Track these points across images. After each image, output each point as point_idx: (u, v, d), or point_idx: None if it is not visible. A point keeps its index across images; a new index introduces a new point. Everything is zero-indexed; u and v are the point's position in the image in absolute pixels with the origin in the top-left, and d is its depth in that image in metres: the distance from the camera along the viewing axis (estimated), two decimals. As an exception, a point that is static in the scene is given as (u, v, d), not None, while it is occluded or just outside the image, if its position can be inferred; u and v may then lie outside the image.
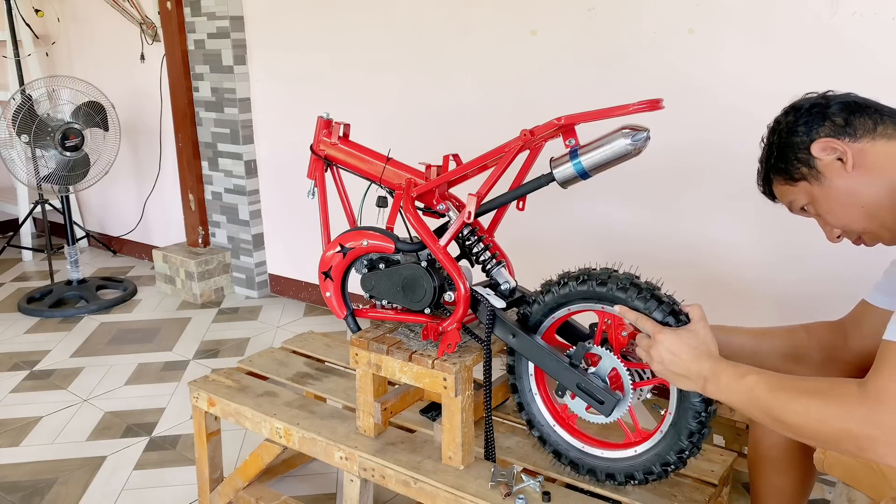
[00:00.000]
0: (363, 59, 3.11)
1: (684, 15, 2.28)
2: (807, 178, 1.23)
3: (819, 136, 1.20)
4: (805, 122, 1.22)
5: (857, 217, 1.22)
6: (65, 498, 2.15)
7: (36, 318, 3.59)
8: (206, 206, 3.86)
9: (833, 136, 1.19)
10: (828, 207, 1.23)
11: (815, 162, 1.21)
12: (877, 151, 1.18)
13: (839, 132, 1.19)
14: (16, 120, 3.42)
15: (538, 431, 1.49)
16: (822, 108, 1.22)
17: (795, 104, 1.27)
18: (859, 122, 1.19)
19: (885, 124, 1.19)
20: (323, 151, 1.68)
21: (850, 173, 1.18)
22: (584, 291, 1.35)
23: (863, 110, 1.20)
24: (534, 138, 1.37)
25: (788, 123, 1.25)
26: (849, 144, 1.18)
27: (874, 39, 1.99)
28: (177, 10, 3.57)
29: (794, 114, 1.25)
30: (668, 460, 1.33)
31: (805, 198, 1.26)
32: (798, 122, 1.23)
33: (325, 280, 1.64)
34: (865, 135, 1.18)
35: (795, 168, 1.24)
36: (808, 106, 1.24)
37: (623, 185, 2.48)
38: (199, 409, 1.93)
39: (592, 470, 1.43)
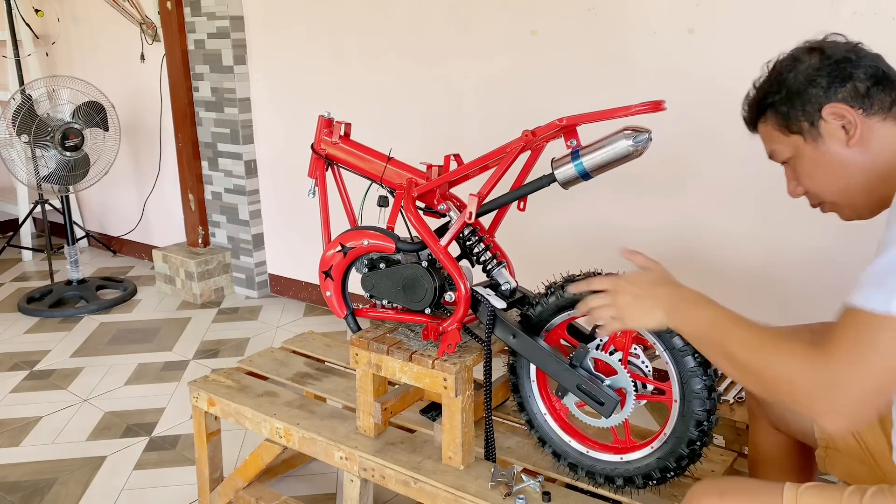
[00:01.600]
0: (363, 59, 3.11)
1: (684, 15, 2.29)
2: (803, 134, 1.16)
3: (836, 98, 1.12)
4: (829, 76, 1.12)
5: (834, 189, 1.17)
6: (65, 498, 2.15)
7: (36, 318, 3.59)
8: (206, 206, 3.86)
9: (850, 104, 1.11)
10: (810, 170, 1.18)
11: (820, 122, 1.13)
12: (882, 133, 1.12)
13: (857, 100, 1.11)
14: (16, 120, 3.42)
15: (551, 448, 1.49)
16: (850, 67, 1.12)
17: (824, 48, 1.16)
18: (879, 96, 1.11)
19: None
20: (324, 151, 1.68)
21: (849, 147, 1.12)
22: None
23: (886, 84, 1.12)
24: (535, 139, 1.37)
25: (811, 68, 1.14)
26: (861, 118, 1.11)
27: (874, 39, 1.99)
28: (177, 10, 3.57)
29: (820, 60, 1.14)
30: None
31: (790, 151, 1.19)
32: (821, 73, 1.13)
33: (326, 279, 1.64)
34: (879, 112, 1.11)
35: (797, 119, 1.15)
36: (837, 58, 1.13)
37: (624, 185, 2.48)
38: (199, 409, 1.93)
39: (610, 477, 1.41)
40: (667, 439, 1.32)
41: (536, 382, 1.49)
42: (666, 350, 1.28)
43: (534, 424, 1.50)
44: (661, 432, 1.34)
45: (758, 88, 1.23)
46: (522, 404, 1.51)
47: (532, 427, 1.50)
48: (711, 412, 1.28)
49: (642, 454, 1.36)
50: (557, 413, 1.49)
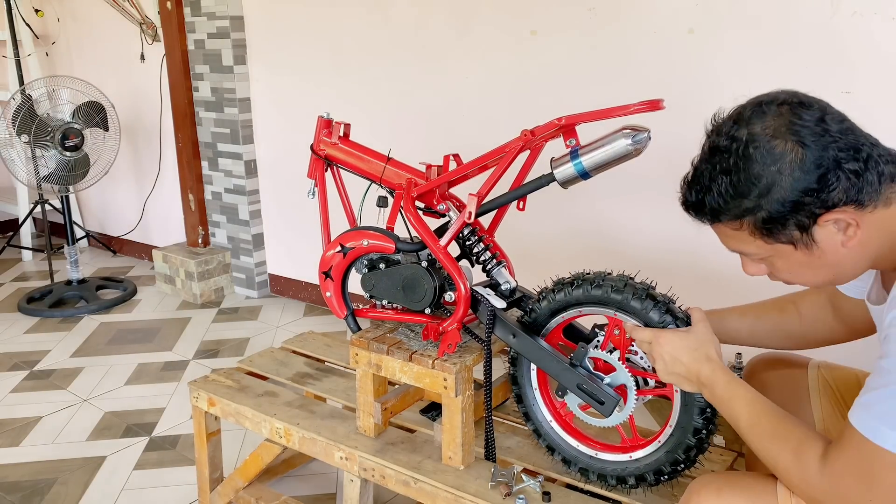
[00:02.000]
0: (363, 59, 3.11)
1: (684, 15, 2.29)
2: (793, 243, 1.01)
3: (832, 204, 0.96)
4: (819, 181, 0.96)
5: (820, 282, 1.07)
6: (65, 498, 2.15)
7: (36, 318, 3.59)
8: (206, 206, 3.86)
9: (846, 204, 0.96)
10: (794, 270, 1.06)
11: (814, 228, 0.99)
12: (874, 220, 0.99)
13: (851, 195, 0.96)
14: (16, 120, 3.42)
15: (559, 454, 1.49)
16: (835, 158, 0.96)
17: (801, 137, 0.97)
18: (869, 182, 0.97)
19: (887, 184, 0.98)
20: (323, 151, 1.68)
21: (845, 247, 1.00)
22: (580, 296, 1.36)
23: (870, 163, 0.97)
24: (534, 138, 1.37)
25: (796, 171, 0.96)
26: (858, 216, 0.97)
27: (874, 39, 2.00)
28: (177, 10, 3.57)
29: (804, 156, 0.96)
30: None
31: (769, 253, 1.05)
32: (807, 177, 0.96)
33: (326, 280, 1.64)
34: (872, 200, 0.97)
35: (785, 231, 1.00)
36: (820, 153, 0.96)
37: (624, 185, 2.48)
38: (199, 409, 1.93)
39: (622, 478, 1.41)
40: (673, 431, 1.32)
41: (539, 390, 1.50)
42: None
43: (541, 433, 1.50)
44: (666, 425, 1.34)
45: (719, 187, 1.01)
46: (528, 413, 1.51)
47: (539, 436, 1.50)
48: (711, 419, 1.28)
49: (651, 449, 1.36)
50: (563, 419, 1.49)
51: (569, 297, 1.38)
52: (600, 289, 1.33)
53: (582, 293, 1.35)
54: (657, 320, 1.27)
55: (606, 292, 1.32)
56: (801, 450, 1.03)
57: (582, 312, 1.39)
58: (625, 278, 1.34)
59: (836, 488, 0.99)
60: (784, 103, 1.01)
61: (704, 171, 1.04)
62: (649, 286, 1.32)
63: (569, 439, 1.47)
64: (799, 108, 1.00)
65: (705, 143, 1.07)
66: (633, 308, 1.29)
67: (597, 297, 1.33)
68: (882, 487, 0.96)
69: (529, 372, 1.50)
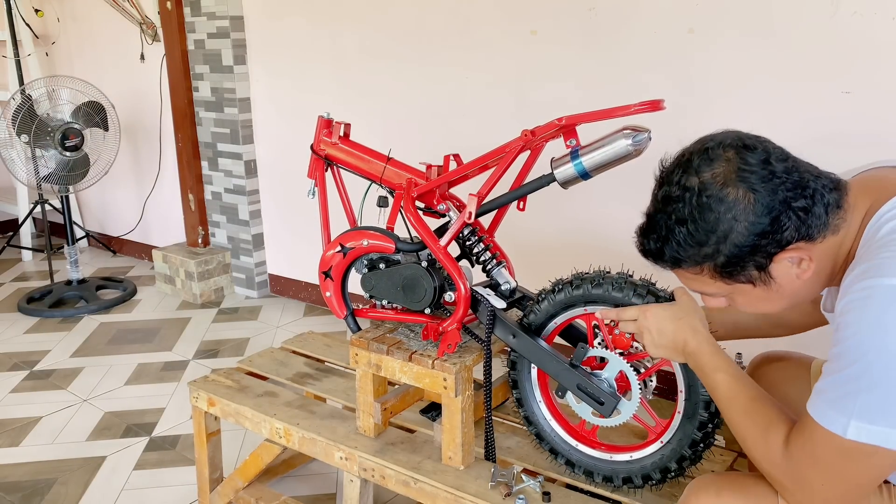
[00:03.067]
0: (363, 59, 3.11)
1: (684, 15, 2.29)
2: (752, 282, 1.05)
3: (786, 241, 1.01)
4: (772, 224, 1.00)
5: (778, 310, 1.11)
6: (65, 498, 2.15)
7: (36, 318, 3.59)
8: (206, 206, 3.86)
9: (798, 240, 1.01)
10: (754, 303, 1.10)
11: (771, 267, 1.03)
12: (825, 249, 1.04)
13: (802, 231, 1.01)
14: (16, 120, 3.42)
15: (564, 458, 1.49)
16: (784, 200, 1.00)
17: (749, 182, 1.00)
18: (816, 215, 1.01)
19: (833, 213, 1.02)
20: (323, 151, 1.68)
21: (801, 279, 1.04)
22: (580, 296, 1.36)
23: (816, 198, 1.01)
24: (534, 138, 1.37)
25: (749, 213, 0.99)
26: (809, 249, 1.02)
27: (874, 39, 2.00)
28: (177, 10, 3.57)
29: (753, 199, 0.99)
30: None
31: (728, 292, 1.09)
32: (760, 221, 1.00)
33: (326, 280, 1.64)
34: (820, 232, 1.02)
35: (744, 272, 1.04)
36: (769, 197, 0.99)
37: (624, 185, 2.47)
38: (199, 409, 1.93)
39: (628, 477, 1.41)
40: (679, 424, 1.32)
41: (540, 391, 1.50)
42: None
43: (543, 437, 1.50)
44: (672, 419, 1.34)
45: (677, 238, 1.04)
46: (529, 418, 1.51)
47: (541, 440, 1.50)
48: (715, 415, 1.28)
49: (661, 442, 1.36)
50: (564, 419, 1.49)
51: (569, 297, 1.38)
52: (600, 288, 1.33)
53: (582, 293, 1.35)
54: None
55: (607, 291, 1.32)
56: (770, 431, 1.06)
57: (584, 312, 1.39)
58: (624, 276, 1.34)
59: (794, 472, 1.02)
60: (729, 147, 1.04)
61: (660, 220, 1.07)
62: (650, 282, 1.32)
63: (570, 441, 1.47)
64: (744, 151, 1.02)
65: (657, 192, 1.09)
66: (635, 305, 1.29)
67: (597, 295, 1.34)
68: (834, 471, 0.98)
69: (530, 375, 1.50)
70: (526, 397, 1.50)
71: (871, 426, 0.93)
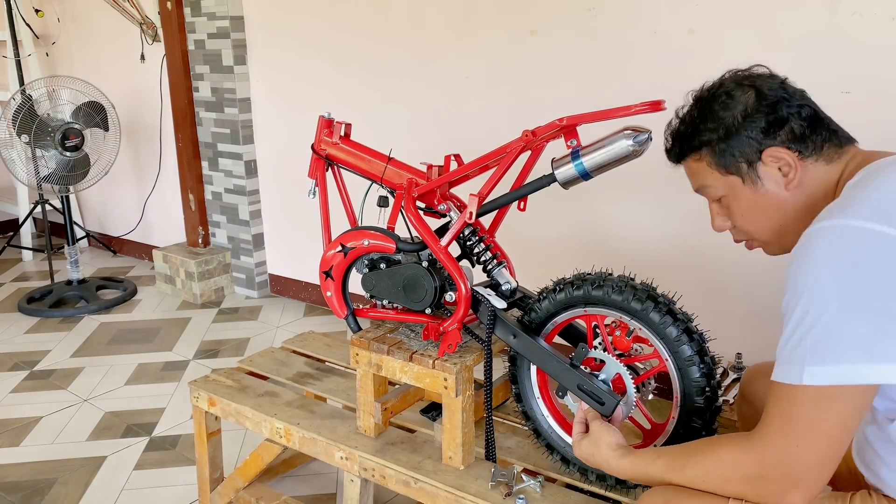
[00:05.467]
0: (363, 59, 3.11)
1: (684, 15, 2.29)
2: (741, 175, 1.14)
3: (775, 141, 1.11)
4: (767, 117, 1.11)
5: (768, 230, 1.17)
6: (65, 498, 2.15)
7: (36, 318, 3.59)
8: (206, 206, 3.86)
9: (788, 147, 1.11)
10: (745, 211, 1.17)
11: (759, 165, 1.12)
12: (814, 173, 1.11)
13: (794, 143, 1.11)
14: (16, 120, 3.42)
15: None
16: (786, 108, 1.11)
17: (758, 86, 1.14)
18: (812, 137, 1.11)
19: (831, 144, 1.12)
20: (324, 151, 1.68)
21: (786, 190, 1.12)
22: (580, 297, 1.36)
23: (818, 124, 1.12)
24: (535, 139, 1.37)
25: (749, 108, 1.13)
26: (798, 160, 1.10)
27: (874, 39, 2.00)
28: (177, 10, 3.57)
29: (757, 99, 1.13)
30: None
31: (725, 190, 1.17)
32: (759, 113, 1.12)
33: (326, 279, 1.64)
34: (813, 153, 1.11)
35: (735, 161, 1.13)
36: (774, 99, 1.12)
37: (625, 186, 2.48)
38: (199, 409, 1.93)
39: None
40: (673, 429, 1.32)
41: (539, 390, 1.50)
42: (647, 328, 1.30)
43: (540, 433, 1.50)
44: (667, 422, 1.34)
45: (688, 122, 1.19)
46: (527, 413, 1.51)
47: (539, 435, 1.51)
48: (711, 376, 1.28)
49: (654, 446, 1.36)
50: (563, 419, 1.49)
51: (569, 298, 1.38)
52: (601, 290, 1.33)
53: (583, 294, 1.36)
54: (658, 321, 1.27)
55: (607, 293, 1.32)
56: (731, 440, 1.05)
57: (584, 313, 1.40)
58: (626, 279, 1.34)
59: (775, 448, 0.99)
60: (755, 71, 1.20)
61: (684, 113, 1.21)
62: (650, 287, 1.32)
63: (567, 438, 1.47)
64: (766, 74, 1.19)
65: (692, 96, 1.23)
66: (634, 309, 1.30)
67: (597, 297, 1.34)
68: (804, 428, 0.96)
69: (529, 371, 1.50)
70: (524, 393, 1.51)
71: (822, 367, 0.93)
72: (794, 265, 0.99)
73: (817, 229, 0.98)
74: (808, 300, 0.94)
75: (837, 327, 0.92)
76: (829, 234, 0.96)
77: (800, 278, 0.97)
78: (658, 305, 1.28)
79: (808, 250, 0.98)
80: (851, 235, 0.95)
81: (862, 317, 0.92)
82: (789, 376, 0.96)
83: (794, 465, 0.98)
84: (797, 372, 0.95)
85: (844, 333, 0.92)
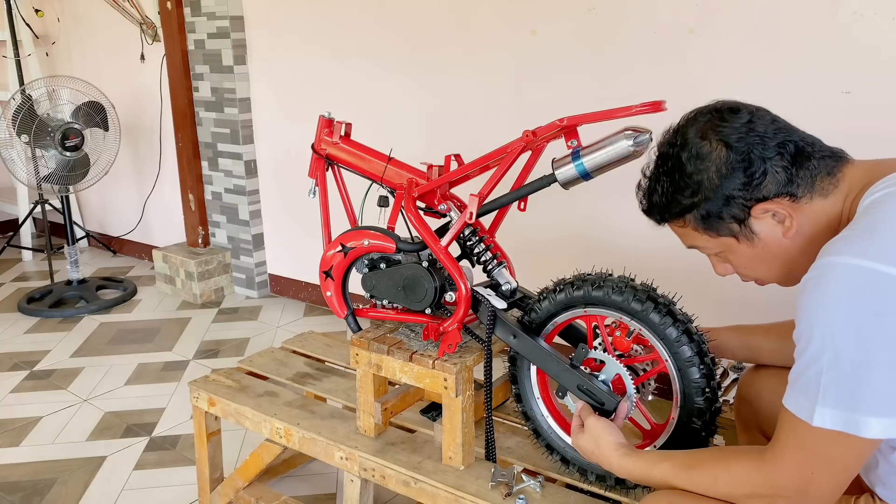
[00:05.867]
0: (363, 59, 3.11)
1: (684, 15, 2.29)
2: (734, 235, 1.09)
3: (761, 196, 1.05)
4: (745, 172, 1.04)
5: (776, 274, 1.13)
6: (65, 498, 2.15)
7: (36, 318, 3.59)
8: (206, 206, 3.86)
9: (777, 196, 1.04)
10: (748, 263, 1.13)
11: (751, 220, 1.07)
12: (812, 211, 1.06)
13: (782, 188, 1.04)
14: (16, 120, 3.42)
15: None
16: (761, 155, 1.04)
17: (726, 140, 1.06)
18: (800, 175, 1.04)
19: (821, 175, 1.05)
20: (324, 150, 1.68)
21: (786, 238, 1.07)
22: (580, 297, 1.36)
23: (801, 158, 1.05)
24: (536, 139, 1.37)
25: (723, 166, 1.05)
26: (791, 206, 1.05)
27: (874, 39, 2.00)
28: (177, 10, 3.57)
29: (727, 153, 1.05)
30: None
31: (719, 248, 1.13)
32: (735, 170, 1.05)
33: (326, 279, 1.64)
34: (806, 193, 1.05)
35: (724, 224, 1.08)
36: (744, 150, 1.04)
37: (625, 186, 2.47)
38: (199, 409, 1.93)
39: None
40: (674, 430, 1.32)
41: (539, 389, 1.50)
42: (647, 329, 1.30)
43: (540, 433, 1.51)
44: (667, 423, 1.34)
45: (661, 189, 1.12)
46: (527, 413, 1.51)
47: (538, 435, 1.51)
48: (711, 377, 1.28)
49: (654, 447, 1.36)
50: (563, 419, 1.49)
51: (569, 298, 1.38)
52: (601, 290, 1.33)
53: (583, 294, 1.36)
54: (658, 322, 1.27)
55: (607, 294, 1.32)
56: (738, 457, 1.05)
57: (584, 313, 1.39)
58: (626, 280, 1.34)
59: (776, 470, 0.99)
60: (715, 110, 1.11)
61: (652, 175, 1.16)
62: (651, 288, 1.32)
63: (567, 438, 1.47)
64: (728, 113, 1.09)
65: (655, 152, 1.17)
66: (634, 310, 1.30)
67: (597, 298, 1.34)
68: (818, 459, 0.96)
69: (529, 371, 1.50)
70: (524, 393, 1.51)
71: (834, 411, 0.92)
72: (806, 297, 0.95)
73: (834, 264, 0.94)
74: (824, 340, 0.92)
75: (852, 376, 0.91)
76: (845, 274, 0.92)
77: (813, 314, 0.94)
78: (658, 306, 1.28)
79: (821, 287, 0.94)
80: (867, 278, 0.91)
81: (877, 367, 0.90)
82: (801, 411, 0.95)
83: (809, 490, 0.98)
84: (808, 409, 0.94)
85: (859, 384, 0.91)
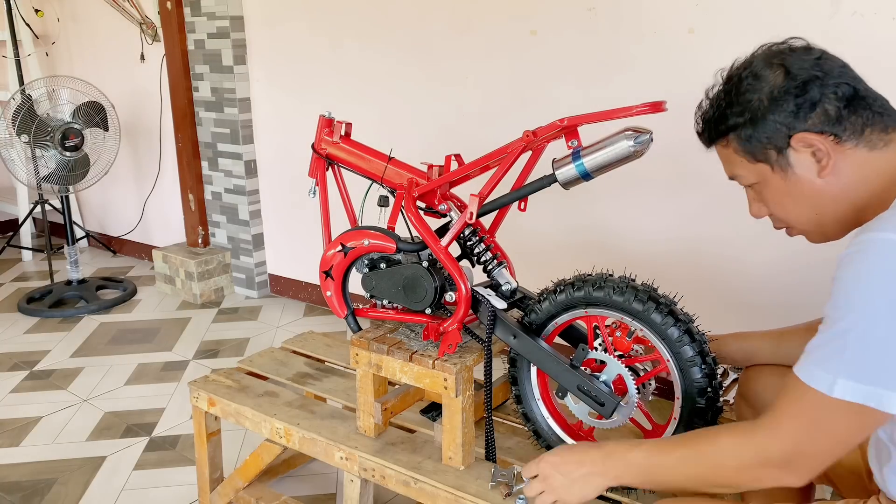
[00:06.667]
0: (363, 59, 3.11)
1: (684, 15, 2.29)
2: (770, 163, 1.08)
3: (806, 126, 1.03)
4: (796, 100, 1.03)
5: (804, 219, 1.11)
6: (65, 498, 2.15)
7: (36, 318, 3.59)
8: (206, 206, 3.86)
9: (820, 132, 1.02)
10: (779, 199, 1.11)
11: (789, 151, 1.05)
12: (854, 160, 1.03)
13: (828, 126, 1.02)
14: (16, 120, 3.42)
15: None
16: (818, 88, 1.02)
17: (788, 65, 1.05)
18: (851, 119, 1.02)
19: (874, 128, 1.03)
20: (325, 150, 1.68)
21: (820, 178, 1.05)
22: (581, 298, 1.36)
23: (858, 104, 1.03)
24: (536, 139, 1.37)
25: (776, 90, 1.04)
26: (833, 146, 1.02)
27: (874, 39, 2.00)
28: (177, 10, 3.57)
29: (785, 79, 1.04)
30: None
31: (755, 178, 1.11)
32: (787, 96, 1.03)
33: (326, 279, 1.64)
34: (851, 138, 1.02)
35: (763, 147, 1.07)
36: (803, 78, 1.03)
37: (625, 186, 2.48)
38: (199, 409, 1.93)
39: None
40: (675, 430, 1.32)
41: (539, 390, 1.50)
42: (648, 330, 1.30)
43: (540, 434, 1.51)
44: (668, 423, 1.34)
45: (715, 105, 1.13)
46: (527, 415, 1.51)
47: (539, 437, 1.51)
48: (712, 377, 1.28)
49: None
50: (562, 419, 1.49)
51: (570, 299, 1.38)
52: (602, 290, 1.33)
53: (583, 295, 1.36)
54: (659, 322, 1.27)
55: (608, 294, 1.32)
56: (733, 428, 1.05)
57: (585, 314, 1.39)
58: (627, 280, 1.34)
59: (785, 441, 0.98)
60: (791, 46, 1.10)
61: (713, 94, 1.15)
62: (652, 288, 1.32)
63: (567, 440, 1.47)
64: (801, 49, 1.09)
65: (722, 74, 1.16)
66: (635, 310, 1.30)
67: (598, 298, 1.34)
68: (821, 431, 0.95)
69: (529, 372, 1.50)
70: (525, 394, 1.51)
71: (857, 384, 0.91)
72: (845, 270, 0.94)
73: (876, 240, 0.92)
74: (858, 315, 0.91)
75: (881, 350, 0.90)
76: (887, 250, 0.91)
77: (852, 287, 0.93)
78: (659, 306, 1.28)
79: (861, 261, 0.93)
80: None
81: None
82: (818, 382, 0.94)
83: (796, 461, 0.97)
84: (828, 381, 0.93)
85: (887, 358, 0.90)
